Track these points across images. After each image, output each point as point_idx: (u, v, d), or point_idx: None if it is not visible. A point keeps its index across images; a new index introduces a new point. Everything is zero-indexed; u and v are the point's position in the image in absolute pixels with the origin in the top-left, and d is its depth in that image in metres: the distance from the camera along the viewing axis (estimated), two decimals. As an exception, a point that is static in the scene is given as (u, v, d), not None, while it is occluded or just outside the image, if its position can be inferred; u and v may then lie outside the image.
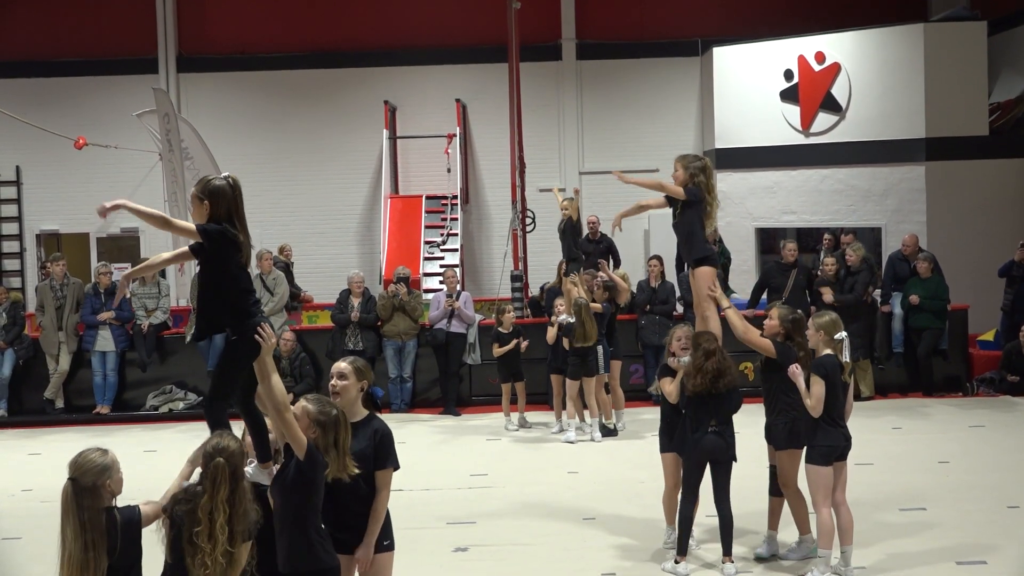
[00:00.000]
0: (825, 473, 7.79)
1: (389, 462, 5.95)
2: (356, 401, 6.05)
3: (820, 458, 7.79)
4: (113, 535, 5.13)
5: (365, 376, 6.10)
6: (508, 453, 12.83)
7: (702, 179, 8.82)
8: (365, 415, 6.07)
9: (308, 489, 5.50)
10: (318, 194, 22.56)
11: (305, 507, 5.51)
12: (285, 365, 14.90)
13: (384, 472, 5.93)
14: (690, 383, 8.11)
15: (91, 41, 22.57)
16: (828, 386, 7.72)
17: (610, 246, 18.02)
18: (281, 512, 5.53)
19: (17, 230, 22.67)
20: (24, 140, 21.64)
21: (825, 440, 7.78)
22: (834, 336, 7.86)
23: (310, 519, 5.52)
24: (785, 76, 19.93)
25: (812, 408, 7.72)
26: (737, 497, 8.23)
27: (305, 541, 5.51)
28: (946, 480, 10.81)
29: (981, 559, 8.33)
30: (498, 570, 8.54)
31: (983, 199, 18.63)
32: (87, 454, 5.21)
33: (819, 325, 7.92)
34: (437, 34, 22.55)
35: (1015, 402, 14.77)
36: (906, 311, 15.33)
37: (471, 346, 15.22)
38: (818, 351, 7.91)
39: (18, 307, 15.93)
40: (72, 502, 5.06)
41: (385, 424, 6.09)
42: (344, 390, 6.01)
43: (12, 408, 15.59)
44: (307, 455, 5.48)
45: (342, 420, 5.66)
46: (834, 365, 7.80)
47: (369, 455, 5.89)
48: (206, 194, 5.73)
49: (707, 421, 8.11)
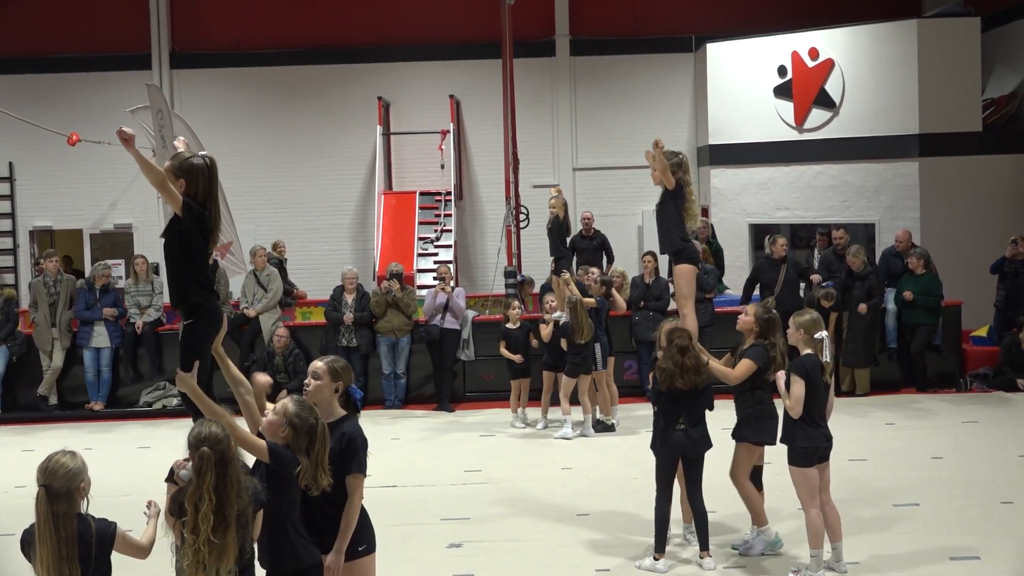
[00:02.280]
0: (809, 474, 7.80)
1: (354, 467, 5.79)
2: (331, 402, 5.94)
3: (801, 459, 7.80)
4: (87, 541, 5.08)
5: (342, 377, 5.97)
6: (502, 449, 12.83)
7: (681, 175, 8.91)
8: (339, 416, 5.96)
9: (280, 487, 5.43)
10: (312, 190, 22.54)
11: (281, 506, 5.45)
12: (279, 361, 14.90)
13: (351, 477, 5.78)
14: (664, 380, 8.13)
15: (85, 37, 22.52)
16: (809, 386, 7.72)
17: (603, 242, 18.02)
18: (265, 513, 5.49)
19: (10, 226, 22.62)
20: (17, 136, 21.58)
21: (805, 441, 7.77)
22: (814, 335, 7.86)
23: (288, 516, 5.47)
24: (779, 72, 19.93)
25: (791, 408, 7.73)
26: (726, 495, 8.23)
27: (286, 540, 5.47)
28: (939, 476, 10.83)
29: (974, 555, 8.35)
30: (492, 566, 8.54)
31: (976, 195, 18.64)
32: (57, 458, 5.12)
33: (799, 324, 7.93)
34: (431, 30, 22.53)
35: (1009, 398, 14.80)
36: (899, 307, 15.36)
37: (465, 342, 15.22)
38: (799, 350, 7.92)
39: (11, 304, 15.89)
40: (47, 508, 4.99)
41: (357, 428, 5.94)
42: (316, 390, 5.91)
43: (6, 405, 15.55)
44: (271, 456, 5.43)
45: (320, 431, 5.51)
46: (814, 364, 7.79)
47: (336, 458, 5.70)
48: (183, 171, 5.78)
49: (676, 419, 8.16)
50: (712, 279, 15.75)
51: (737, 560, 8.38)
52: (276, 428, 5.52)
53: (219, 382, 6.01)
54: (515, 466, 11.92)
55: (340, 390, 5.97)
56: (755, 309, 8.57)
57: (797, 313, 8.16)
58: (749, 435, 8.44)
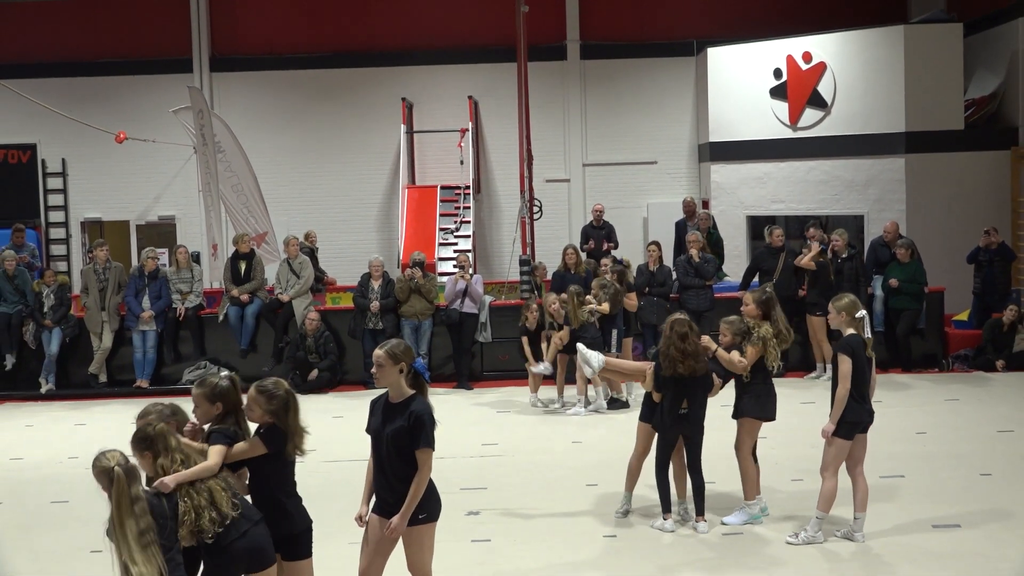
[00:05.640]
0: (844, 446, 7.84)
1: (422, 442, 5.88)
2: (399, 383, 5.99)
3: (844, 432, 7.80)
4: (161, 514, 5.16)
5: (402, 359, 5.98)
6: (517, 425, 12.83)
7: None
8: (408, 396, 6.01)
9: (272, 460, 5.69)
10: (341, 185, 22.56)
11: (271, 476, 5.72)
12: (310, 343, 14.93)
13: (420, 451, 5.89)
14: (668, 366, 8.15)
15: (130, 43, 22.54)
16: (856, 365, 7.72)
17: (610, 231, 18.06)
18: (254, 483, 5.76)
19: (63, 218, 22.70)
20: (69, 135, 21.65)
21: (852, 416, 7.78)
22: (855, 315, 7.86)
23: (279, 486, 5.73)
24: (774, 74, 19.85)
25: (840, 383, 7.73)
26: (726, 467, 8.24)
27: (279, 507, 5.71)
28: (923, 450, 10.81)
29: (955, 523, 8.34)
30: (507, 532, 8.56)
31: (958, 189, 18.57)
32: (111, 452, 5.13)
33: (840, 307, 7.92)
34: (451, 36, 22.49)
35: (988, 377, 14.74)
36: (886, 293, 15.30)
37: (482, 325, 15.23)
38: (842, 332, 7.89)
39: (65, 289, 15.99)
40: (126, 485, 5.01)
41: (424, 405, 5.97)
42: (383, 375, 5.99)
43: (60, 382, 15.62)
44: (265, 442, 5.67)
45: (291, 401, 5.75)
46: (860, 344, 7.80)
47: (404, 435, 5.88)
48: (215, 396, 5.74)
49: (680, 403, 8.18)
50: (712, 267, 15.72)
51: (743, 528, 8.42)
52: (252, 406, 5.74)
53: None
54: (530, 440, 11.94)
55: (405, 370, 6.00)
56: (752, 296, 8.60)
57: (836, 298, 8.11)
58: (754, 411, 8.43)
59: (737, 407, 8.53)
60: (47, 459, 11.71)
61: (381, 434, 5.98)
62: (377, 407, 6.11)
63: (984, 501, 8.92)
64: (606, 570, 7.69)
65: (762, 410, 8.45)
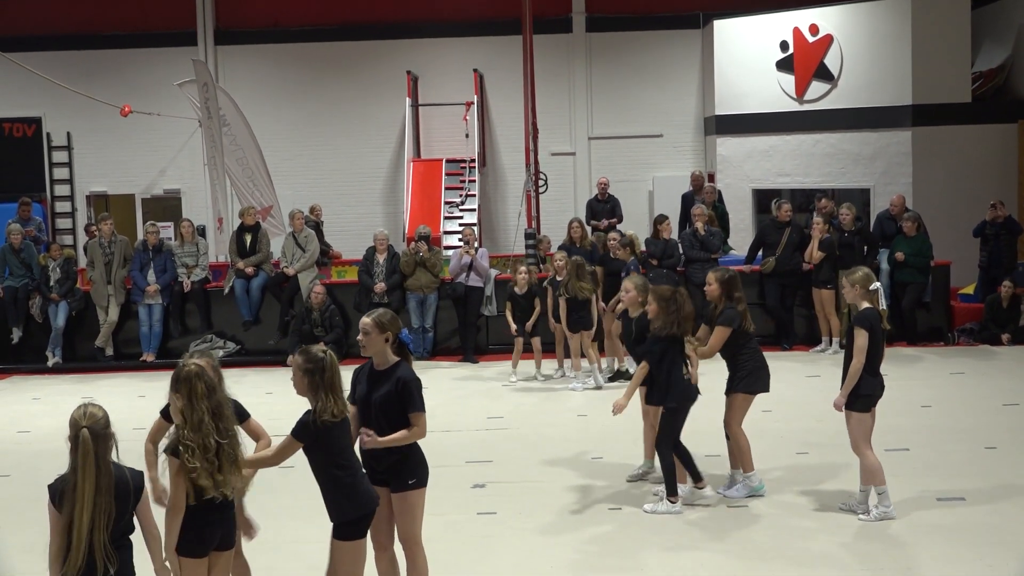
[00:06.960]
0: (866, 420, 7.79)
1: (412, 406, 5.92)
2: (385, 351, 6.02)
3: (862, 406, 7.77)
4: (124, 488, 4.93)
5: (388, 328, 6.02)
6: (522, 398, 12.84)
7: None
8: (393, 363, 6.03)
9: (318, 447, 5.58)
10: (346, 158, 22.50)
11: (323, 463, 5.61)
12: (316, 316, 14.92)
13: (413, 415, 5.93)
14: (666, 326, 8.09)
15: (135, 16, 22.45)
16: (872, 339, 7.66)
17: (615, 205, 17.99)
18: (313, 468, 5.70)
19: (69, 192, 22.68)
20: (75, 108, 21.61)
21: (867, 389, 7.73)
22: (869, 288, 7.79)
23: (329, 470, 5.62)
24: (781, 47, 19.75)
25: (855, 356, 7.66)
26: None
27: (332, 493, 5.64)
28: (928, 423, 10.79)
29: (960, 496, 8.33)
30: (513, 504, 8.57)
31: (965, 162, 18.49)
32: (89, 408, 4.95)
33: (854, 280, 7.83)
34: (456, 8, 22.37)
35: (993, 351, 14.71)
36: (892, 267, 15.26)
37: (488, 298, 15.19)
38: (858, 306, 7.83)
39: (71, 263, 15.96)
40: (92, 448, 4.81)
41: (409, 371, 6.02)
42: (369, 343, 6.00)
43: (66, 356, 15.66)
44: (298, 437, 5.57)
45: (329, 362, 5.58)
46: (876, 317, 7.72)
47: (394, 400, 5.91)
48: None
49: (683, 368, 8.15)
50: (718, 240, 15.67)
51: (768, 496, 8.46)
52: (298, 381, 5.60)
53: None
54: (534, 413, 11.94)
55: (391, 339, 6.03)
56: (714, 275, 8.51)
57: (849, 272, 8.04)
58: (748, 385, 8.39)
59: (730, 383, 8.48)
60: (54, 432, 11.62)
61: (369, 401, 5.98)
62: (362, 375, 6.11)
63: (989, 474, 8.91)
64: (613, 543, 7.68)
65: (754, 384, 8.41)
